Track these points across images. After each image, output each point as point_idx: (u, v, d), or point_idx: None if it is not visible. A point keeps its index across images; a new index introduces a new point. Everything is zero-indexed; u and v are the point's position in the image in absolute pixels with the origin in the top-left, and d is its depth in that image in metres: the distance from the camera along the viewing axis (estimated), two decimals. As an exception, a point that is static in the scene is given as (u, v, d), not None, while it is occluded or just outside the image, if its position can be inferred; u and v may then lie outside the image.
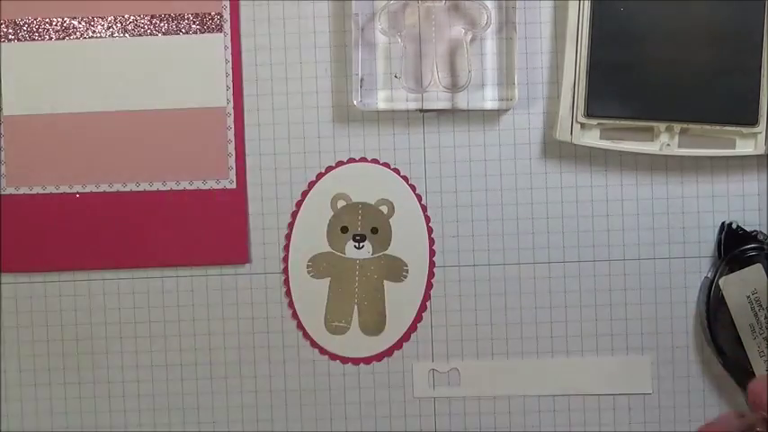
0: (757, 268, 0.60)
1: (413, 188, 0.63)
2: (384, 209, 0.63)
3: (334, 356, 0.63)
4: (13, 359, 0.64)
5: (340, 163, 0.63)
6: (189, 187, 0.63)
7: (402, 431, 0.63)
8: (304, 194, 0.63)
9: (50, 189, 0.64)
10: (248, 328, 0.64)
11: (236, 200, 0.63)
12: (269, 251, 0.64)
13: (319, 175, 0.63)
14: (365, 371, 0.63)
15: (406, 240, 0.63)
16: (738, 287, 0.60)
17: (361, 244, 0.63)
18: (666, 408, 0.63)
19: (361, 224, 0.63)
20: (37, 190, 0.64)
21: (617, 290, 0.63)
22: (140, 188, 0.63)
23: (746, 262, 0.60)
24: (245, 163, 0.63)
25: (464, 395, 0.63)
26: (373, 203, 0.63)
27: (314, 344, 0.63)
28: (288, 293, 0.63)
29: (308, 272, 0.63)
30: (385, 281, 0.63)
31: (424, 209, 0.63)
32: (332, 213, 0.63)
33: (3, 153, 0.64)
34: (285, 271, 0.63)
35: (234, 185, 0.63)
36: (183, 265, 0.64)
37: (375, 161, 0.63)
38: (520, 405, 0.63)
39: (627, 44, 0.60)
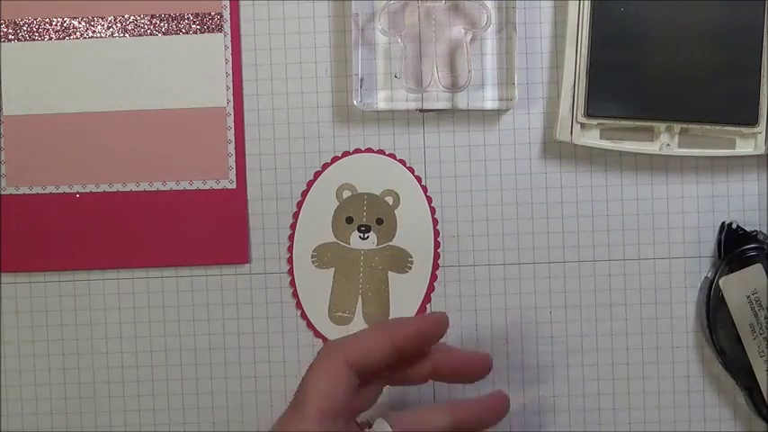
0: (757, 268, 0.60)
1: (418, 180, 0.63)
2: (389, 200, 0.63)
3: None
4: (13, 359, 0.65)
5: (346, 153, 0.63)
6: (189, 187, 0.63)
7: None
8: (309, 184, 0.63)
9: (50, 189, 0.64)
10: (248, 329, 0.64)
11: (236, 200, 0.63)
12: (269, 251, 0.64)
13: (325, 166, 0.63)
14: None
15: (411, 231, 0.63)
16: (738, 287, 0.60)
17: (366, 234, 0.63)
18: (666, 407, 0.63)
19: (367, 215, 0.63)
20: (37, 190, 0.64)
21: (617, 290, 0.63)
22: (140, 188, 0.63)
23: (746, 262, 0.60)
24: (245, 163, 0.63)
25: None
26: (379, 194, 0.63)
27: (317, 334, 0.63)
28: (292, 283, 0.63)
29: (313, 262, 0.63)
30: (389, 272, 0.63)
31: (429, 200, 0.63)
32: (337, 204, 0.63)
33: (3, 153, 0.64)
34: (290, 261, 0.63)
35: (234, 185, 0.63)
36: (183, 265, 0.64)
37: (381, 152, 0.63)
38: (519, 405, 0.63)
39: (627, 44, 0.60)
